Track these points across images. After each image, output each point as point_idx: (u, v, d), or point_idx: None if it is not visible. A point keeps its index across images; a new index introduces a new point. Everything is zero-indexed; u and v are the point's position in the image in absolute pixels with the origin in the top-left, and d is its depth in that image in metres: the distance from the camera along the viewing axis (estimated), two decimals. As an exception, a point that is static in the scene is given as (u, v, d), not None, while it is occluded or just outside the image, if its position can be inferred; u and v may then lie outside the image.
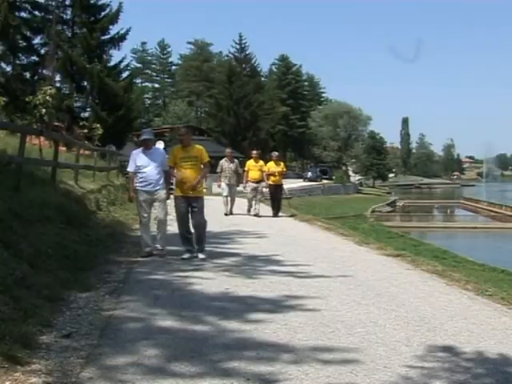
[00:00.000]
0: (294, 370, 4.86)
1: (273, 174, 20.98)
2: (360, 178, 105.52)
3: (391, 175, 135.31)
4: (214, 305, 7.14)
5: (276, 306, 7.13)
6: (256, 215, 20.14)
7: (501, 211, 49.84)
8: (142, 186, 10.88)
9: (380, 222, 27.34)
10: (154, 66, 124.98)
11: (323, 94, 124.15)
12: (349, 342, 5.67)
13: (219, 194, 22.57)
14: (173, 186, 11.77)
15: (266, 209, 21.37)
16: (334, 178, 78.88)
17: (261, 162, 21.18)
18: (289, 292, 7.96)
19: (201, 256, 10.70)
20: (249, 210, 20.89)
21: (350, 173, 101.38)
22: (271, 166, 21.14)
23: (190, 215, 10.95)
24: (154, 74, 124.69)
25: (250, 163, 21.14)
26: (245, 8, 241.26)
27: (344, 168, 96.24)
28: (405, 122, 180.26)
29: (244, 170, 21.18)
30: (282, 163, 21.95)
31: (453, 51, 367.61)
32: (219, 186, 21.29)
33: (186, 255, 10.73)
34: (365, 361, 5.12)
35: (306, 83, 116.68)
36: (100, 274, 8.81)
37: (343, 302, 7.43)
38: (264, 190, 21.19)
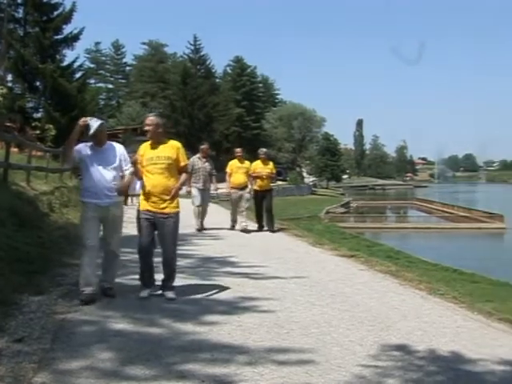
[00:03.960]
0: (249, 371, 4.87)
1: (259, 177, 16.87)
2: (314, 179, 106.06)
3: (345, 176, 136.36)
4: (169, 307, 7.13)
5: (231, 307, 7.13)
6: (244, 230, 16.09)
7: (453, 211, 50.58)
8: (88, 197, 7.53)
9: (334, 223, 27.43)
10: (108, 66, 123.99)
11: (278, 96, 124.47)
12: (303, 343, 5.70)
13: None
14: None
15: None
16: (288, 179, 79.15)
17: (247, 163, 17.03)
18: (243, 293, 7.97)
19: (170, 295, 7.67)
20: (233, 226, 16.77)
21: (304, 174, 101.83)
22: (257, 167, 16.98)
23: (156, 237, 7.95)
24: (108, 74, 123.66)
25: (234, 164, 16.92)
26: (200, 9, 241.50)
27: (298, 169, 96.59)
28: (359, 123, 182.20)
29: (226, 173, 16.93)
30: (270, 163, 17.50)
31: (406, 52, 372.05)
32: (189, 192, 16.31)
33: (145, 292, 7.77)
34: (319, 361, 5.15)
35: (260, 85, 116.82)
36: (53, 277, 8.68)
37: (298, 303, 7.46)
38: (248, 195, 16.70)
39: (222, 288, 8.29)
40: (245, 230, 16.06)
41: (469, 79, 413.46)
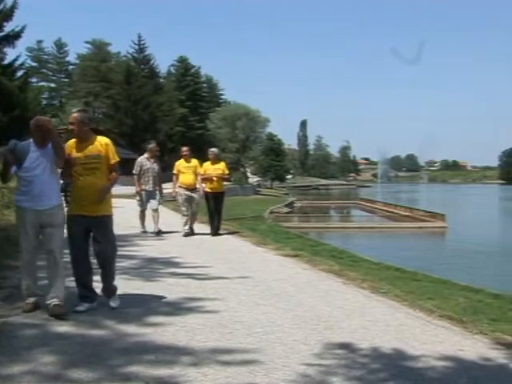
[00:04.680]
0: (194, 371, 4.85)
1: (209, 179, 15.96)
2: (258, 179, 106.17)
3: (289, 176, 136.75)
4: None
5: (175, 308, 7.11)
6: (187, 235, 15.31)
7: (396, 211, 51.11)
8: (26, 201, 6.81)
9: (278, 223, 27.49)
10: (50, 65, 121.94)
11: (222, 96, 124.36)
12: (248, 343, 5.71)
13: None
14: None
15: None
16: (232, 179, 79.15)
17: (194, 162, 16.02)
18: (187, 294, 7.95)
19: (112, 304, 7.16)
20: (185, 228, 15.64)
21: (249, 174, 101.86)
22: (207, 168, 16.03)
23: (90, 243, 7.30)
24: (51, 73, 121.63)
25: (181, 164, 15.95)
26: (144, 9, 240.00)
27: (242, 169, 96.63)
28: (303, 124, 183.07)
29: (173, 174, 16.07)
30: (222, 163, 16.50)
31: (350, 55, 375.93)
32: (138, 193, 15.87)
33: (84, 306, 7.03)
34: (264, 360, 5.17)
35: (204, 85, 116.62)
36: (-6, 280, 8.55)
37: (242, 303, 7.48)
38: (197, 197, 15.77)
39: (166, 289, 8.26)
40: (188, 234, 15.35)
41: (412, 80, 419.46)
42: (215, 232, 15.73)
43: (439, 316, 6.99)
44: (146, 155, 15.80)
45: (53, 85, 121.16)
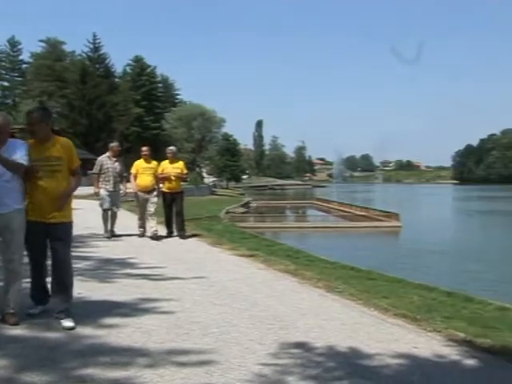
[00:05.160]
0: (150, 373, 4.82)
1: (167, 179, 15.48)
2: (214, 179, 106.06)
3: (245, 177, 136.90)
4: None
5: (130, 309, 7.06)
6: (153, 237, 14.67)
7: (351, 211, 51.50)
8: None
9: (234, 223, 27.48)
10: (3, 63, 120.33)
11: (178, 96, 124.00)
12: (203, 343, 5.69)
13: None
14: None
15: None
16: (187, 179, 78.86)
17: (154, 164, 15.48)
18: (143, 295, 7.91)
19: (66, 324, 6.28)
20: (142, 232, 15.22)
21: (204, 174, 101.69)
22: (166, 167, 15.53)
23: (48, 252, 6.77)
24: (4, 71, 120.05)
25: (140, 165, 15.36)
26: (100, 7, 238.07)
27: (198, 170, 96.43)
28: (258, 124, 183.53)
29: (130, 174, 15.51)
30: (180, 162, 16.00)
31: (305, 54, 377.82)
32: (97, 194, 15.08)
33: (37, 309, 6.83)
34: (220, 361, 5.16)
35: (160, 85, 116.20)
36: None
37: (197, 303, 7.47)
38: (155, 199, 15.19)
39: (122, 290, 8.21)
40: (155, 237, 14.65)
41: (367, 81, 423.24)
42: (181, 234, 15.27)
43: (394, 314, 7.06)
44: (107, 154, 15.11)
45: (6, 83, 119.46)
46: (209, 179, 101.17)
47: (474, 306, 8.27)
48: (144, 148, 15.73)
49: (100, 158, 15.04)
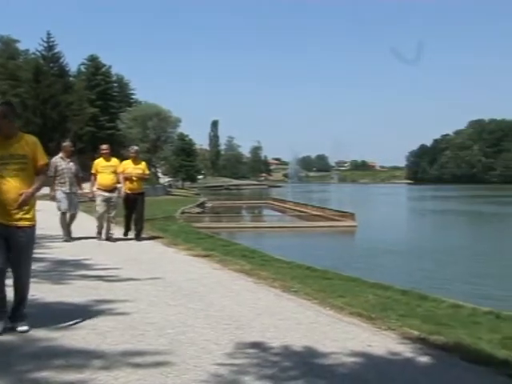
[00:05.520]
0: (104, 375, 4.78)
1: (129, 179, 15.00)
2: (169, 179, 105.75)
3: (200, 177, 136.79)
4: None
5: (85, 311, 7.00)
6: (109, 239, 14.51)
7: (306, 210, 51.71)
8: None
9: (190, 223, 27.44)
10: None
11: (133, 96, 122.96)
12: (159, 344, 5.66)
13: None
14: None
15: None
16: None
17: (114, 161, 15.09)
18: (97, 296, 7.84)
19: (21, 328, 6.13)
20: (100, 232, 14.90)
21: (160, 174, 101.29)
22: (128, 167, 15.08)
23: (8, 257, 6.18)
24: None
25: (99, 163, 14.98)
26: (54, 6, 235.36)
27: (153, 170, 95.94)
28: (214, 124, 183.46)
29: (91, 174, 15.09)
30: (143, 162, 15.73)
31: (260, 54, 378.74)
32: (53, 198, 14.54)
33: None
34: (175, 361, 5.14)
35: (115, 84, 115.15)
36: None
37: (153, 304, 7.43)
38: (116, 199, 14.98)
39: (76, 291, 8.14)
40: (110, 239, 14.46)
41: (322, 79, 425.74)
42: (139, 236, 14.94)
43: (349, 313, 7.11)
44: (60, 155, 14.59)
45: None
46: (164, 179, 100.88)
47: (428, 304, 8.38)
48: (103, 146, 15.38)
49: (54, 160, 14.32)
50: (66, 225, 14.60)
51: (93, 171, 14.94)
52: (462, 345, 5.80)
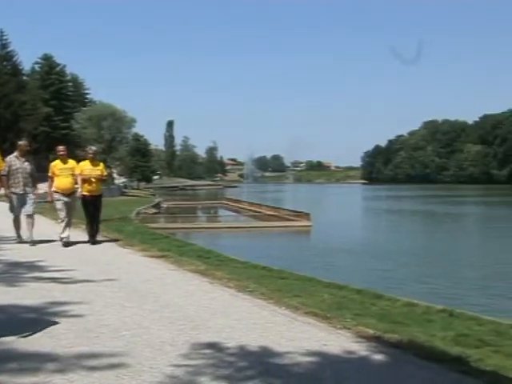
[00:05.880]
0: (59, 378, 4.73)
1: (88, 181, 14.38)
2: (125, 180, 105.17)
3: (156, 177, 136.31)
4: (-29, 316, 6.79)
5: (39, 313, 6.92)
6: (66, 244, 13.76)
7: (261, 211, 51.96)
8: None
9: (145, 224, 27.36)
10: None
11: (88, 96, 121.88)
12: (114, 346, 5.62)
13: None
14: None
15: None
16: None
17: (72, 163, 14.49)
18: (52, 298, 7.76)
19: None
20: (63, 236, 14.01)
21: (115, 175, 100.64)
22: (86, 168, 14.44)
23: None
24: None
25: (57, 165, 14.28)
26: (7, 4, 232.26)
27: (108, 170, 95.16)
28: (169, 124, 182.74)
29: (48, 176, 14.41)
30: (101, 164, 15.16)
31: (216, 52, 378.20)
32: (7, 196, 14.22)
33: None
34: (131, 363, 5.11)
35: (70, 84, 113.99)
36: None
37: (108, 306, 7.38)
38: (75, 202, 14.53)
39: (30, 293, 8.04)
40: (67, 244, 13.76)
41: (278, 80, 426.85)
42: (93, 239, 14.38)
43: (305, 313, 7.13)
44: (15, 154, 14.17)
45: None
46: (119, 180, 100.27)
47: (383, 303, 8.45)
48: (60, 147, 14.76)
49: (8, 159, 13.99)
50: (23, 228, 14.18)
51: (50, 174, 14.28)
52: (416, 342, 5.87)
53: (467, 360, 5.35)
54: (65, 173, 14.13)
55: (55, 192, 14.08)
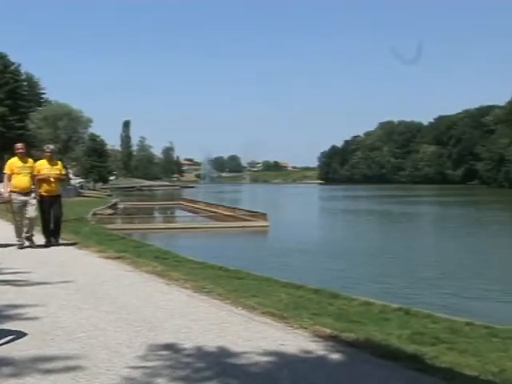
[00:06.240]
0: (14, 382, 4.67)
1: (46, 180, 13.96)
2: (81, 180, 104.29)
3: (112, 178, 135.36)
4: None
5: (-7, 316, 6.83)
6: (31, 246, 13.63)
7: (218, 211, 52.02)
8: None
9: (101, 225, 27.17)
10: None
11: (43, 95, 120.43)
12: (70, 349, 5.58)
13: None
14: None
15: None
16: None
17: (30, 162, 14.03)
18: (6, 301, 7.66)
19: None
20: (22, 242, 13.72)
21: (71, 176, 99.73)
22: (43, 167, 14.01)
23: None
24: None
25: (15, 163, 13.84)
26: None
27: (66, 170, 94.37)
28: (125, 124, 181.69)
29: (4, 174, 13.87)
30: (59, 163, 14.75)
31: (171, 52, 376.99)
32: None
33: None
34: (87, 366, 5.07)
35: (25, 83, 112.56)
36: None
37: (63, 308, 7.32)
38: (34, 202, 13.84)
39: (-17, 296, 7.93)
40: (32, 246, 13.60)
41: (234, 79, 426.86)
42: (55, 241, 14.02)
43: (262, 313, 7.15)
44: None
45: None
46: (75, 180, 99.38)
47: (340, 302, 8.51)
48: (18, 145, 14.32)
49: None
50: None
51: (7, 171, 13.72)
52: (372, 341, 5.92)
53: (423, 357, 5.42)
54: (24, 171, 13.68)
55: (12, 191, 13.57)
